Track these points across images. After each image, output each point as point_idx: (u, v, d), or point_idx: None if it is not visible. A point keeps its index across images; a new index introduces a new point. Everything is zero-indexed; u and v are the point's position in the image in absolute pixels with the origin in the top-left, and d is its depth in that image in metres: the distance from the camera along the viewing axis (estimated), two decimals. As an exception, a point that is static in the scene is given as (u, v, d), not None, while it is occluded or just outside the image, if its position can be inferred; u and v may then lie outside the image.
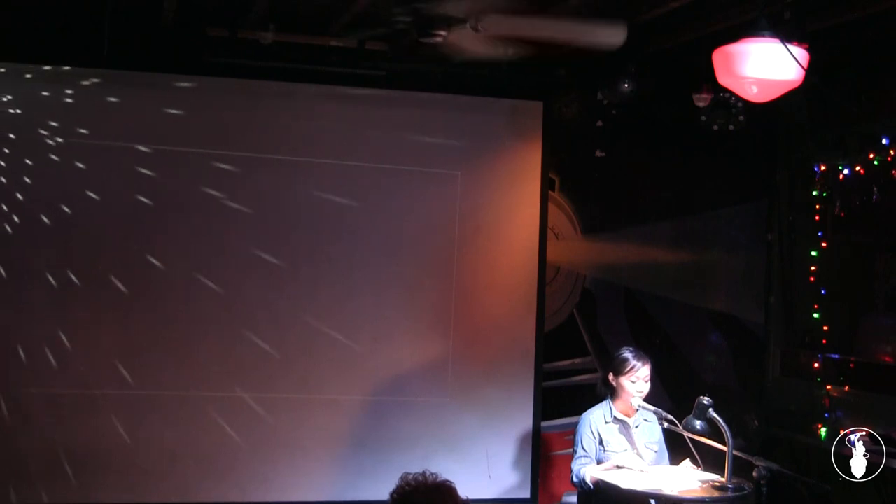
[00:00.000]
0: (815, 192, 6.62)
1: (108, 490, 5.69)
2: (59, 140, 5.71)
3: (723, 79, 4.68)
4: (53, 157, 5.69)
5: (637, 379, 5.01)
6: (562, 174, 6.61)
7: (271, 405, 5.96)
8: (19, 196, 5.65)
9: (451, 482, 2.89)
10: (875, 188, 6.05)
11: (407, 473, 2.89)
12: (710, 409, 4.73)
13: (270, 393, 5.95)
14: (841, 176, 6.40)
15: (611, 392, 5.12)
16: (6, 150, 5.64)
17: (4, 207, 5.62)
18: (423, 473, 2.88)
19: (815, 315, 6.54)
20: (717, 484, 4.62)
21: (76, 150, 5.72)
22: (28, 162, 5.67)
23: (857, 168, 6.26)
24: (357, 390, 6.12)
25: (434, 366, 6.24)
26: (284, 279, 6.01)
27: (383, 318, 6.15)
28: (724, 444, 4.60)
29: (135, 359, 5.76)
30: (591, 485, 4.84)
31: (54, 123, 5.70)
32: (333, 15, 5.44)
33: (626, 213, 6.72)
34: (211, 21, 5.62)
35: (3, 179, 5.63)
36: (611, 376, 5.11)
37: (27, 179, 5.66)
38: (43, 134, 5.69)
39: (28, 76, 5.68)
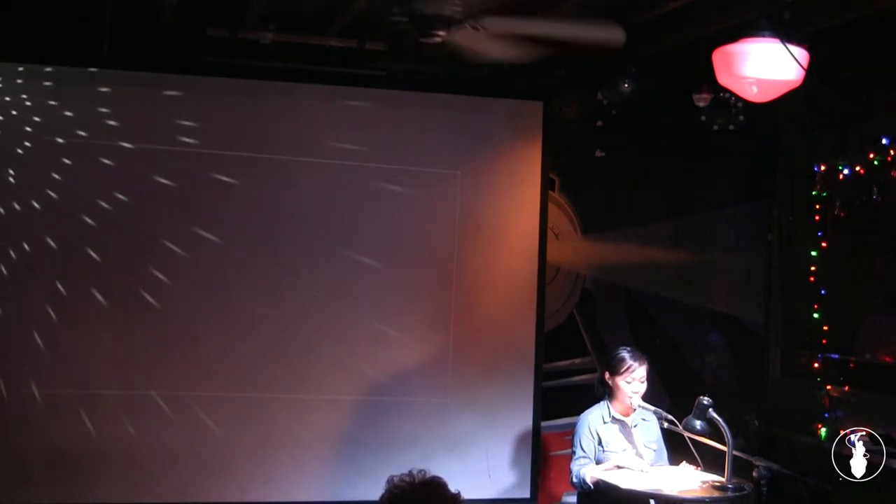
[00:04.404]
0: (815, 192, 6.62)
1: (108, 490, 5.69)
2: (59, 140, 5.70)
3: (723, 79, 4.68)
4: (53, 156, 5.68)
5: (633, 380, 4.97)
6: (562, 174, 6.61)
7: (271, 405, 5.95)
8: (18, 195, 5.65)
9: (439, 477, 2.76)
10: (875, 188, 6.04)
11: (392, 476, 2.75)
12: (710, 409, 4.72)
13: (270, 393, 5.95)
14: (841, 176, 6.39)
15: (608, 392, 5.10)
16: (6, 150, 5.63)
17: (4, 208, 5.63)
18: (410, 472, 2.74)
19: (815, 315, 6.54)
20: (717, 484, 4.62)
21: (76, 149, 5.71)
22: (28, 162, 5.66)
23: (857, 168, 6.25)
24: (357, 390, 6.11)
25: (434, 366, 6.23)
26: (284, 279, 6.00)
27: (383, 317, 6.15)
28: (724, 444, 4.60)
29: (135, 359, 5.76)
30: (591, 485, 4.82)
31: (53, 123, 5.69)
32: (333, 15, 5.44)
33: (626, 213, 6.72)
34: (210, 21, 5.61)
35: (3, 179, 5.63)
36: (607, 375, 5.08)
37: (27, 179, 5.66)
38: (43, 134, 5.68)
39: (27, 76, 5.67)
